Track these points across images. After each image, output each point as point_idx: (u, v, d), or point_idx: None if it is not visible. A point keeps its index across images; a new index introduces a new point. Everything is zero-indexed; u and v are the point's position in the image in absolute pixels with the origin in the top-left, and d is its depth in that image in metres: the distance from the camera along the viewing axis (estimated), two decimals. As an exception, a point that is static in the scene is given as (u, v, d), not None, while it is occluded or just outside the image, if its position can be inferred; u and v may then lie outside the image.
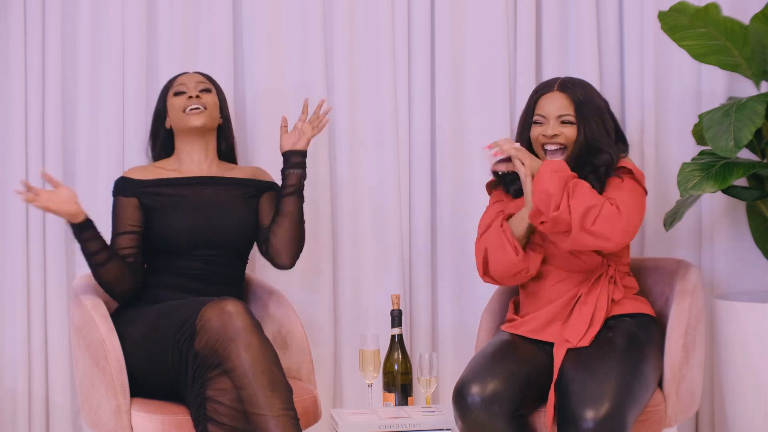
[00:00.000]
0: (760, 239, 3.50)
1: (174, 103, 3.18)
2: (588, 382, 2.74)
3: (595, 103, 3.04)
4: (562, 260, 3.00)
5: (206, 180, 3.16)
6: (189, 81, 3.21)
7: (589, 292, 2.96)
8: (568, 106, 3.02)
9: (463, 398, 2.77)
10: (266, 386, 2.72)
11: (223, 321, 2.76)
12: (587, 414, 2.68)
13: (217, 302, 2.80)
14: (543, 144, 3.03)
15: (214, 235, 3.08)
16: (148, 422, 2.85)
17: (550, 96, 3.05)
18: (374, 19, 3.62)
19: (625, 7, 3.67)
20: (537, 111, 3.05)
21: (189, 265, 3.07)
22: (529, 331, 2.97)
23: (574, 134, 3.02)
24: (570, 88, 3.04)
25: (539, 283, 3.03)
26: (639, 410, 2.79)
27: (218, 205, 3.12)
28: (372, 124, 3.62)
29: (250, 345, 2.74)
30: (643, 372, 2.82)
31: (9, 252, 3.52)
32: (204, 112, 3.15)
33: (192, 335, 2.78)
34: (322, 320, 3.59)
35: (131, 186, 3.12)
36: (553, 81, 3.09)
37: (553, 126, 3.02)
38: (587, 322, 2.91)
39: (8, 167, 3.51)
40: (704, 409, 3.66)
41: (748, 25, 3.30)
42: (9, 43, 3.50)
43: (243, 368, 2.72)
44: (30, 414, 3.52)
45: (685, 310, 2.98)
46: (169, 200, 3.09)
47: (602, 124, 3.03)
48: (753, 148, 3.45)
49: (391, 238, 3.62)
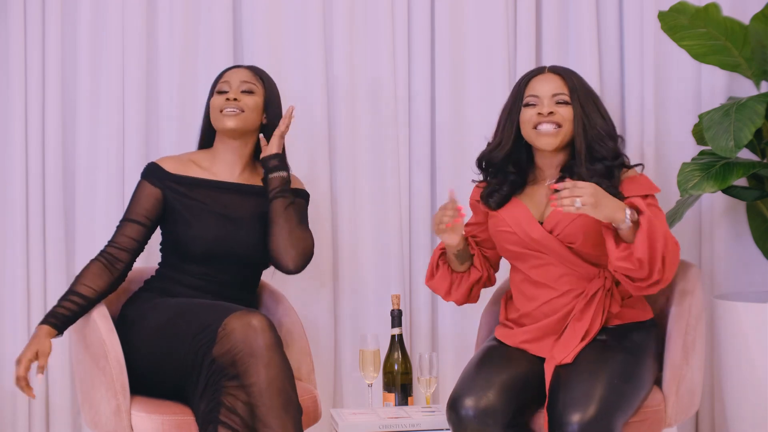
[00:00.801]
0: (760, 239, 3.51)
1: (214, 102, 3.11)
2: (576, 386, 2.70)
3: (587, 87, 2.92)
4: (558, 276, 2.89)
5: (233, 187, 3.11)
6: (234, 79, 3.12)
7: (585, 309, 2.85)
8: (562, 86, 2.89)
9: (457, 412, 2.73)
10: (280, 407, 2.72)
11: (247, 334, 2.74)
12: (573, 418, 2.64)
13: (244, 314, 2.78)
14: (536, 124, 2.87)
15: (231, 249, 3.05)
16: (148, 422, 2.85)
17: (542, 77, 2.92)
18: (374, 19, 3.62)
19: (625, 7, 3.67)
20: (528, 92, 2.91)
21: (201, 271, 3.05)
22: (522, 342, 2.90)
23: (570, 115, 2.87)
24: (562, 71, 2.93)
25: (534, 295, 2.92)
26: (629, 414, 2.75)
27: (239, 218, 3.07)
28: (372, 124, 3.62)
29: (271, 364, 2.74)
30: (636, 375, 2.78)
31: (9, 252, 3.52)
32: (239, 115, 3.07)
33: (212, 341, 2.77)
34: (322, 320, 3.60)
35: (161, 176, 3.07)
36: (542, 67, 2.97)
37: (548, 105, 2.87)
38: (578, 339, 2.82)
39: (8, 167, 3.51)
40: (704, 409, 3.66)
41: (748, 25, 3.31)
42: (9, 43, 3.50)
43: (260, 386, 2.72)
44: (30, 414, 3.52)
45: (685, 310, 2.98)
46: (191, 205, 3.06)
47: (597, 109, 2.88)
48: (753, 148, 3.45)
49: (391, 238, 3.62)
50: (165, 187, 3.07)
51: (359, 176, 3.63)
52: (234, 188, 3.12)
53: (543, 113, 2.86)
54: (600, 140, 2.85)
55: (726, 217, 3.65)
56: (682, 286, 3.05)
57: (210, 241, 3.03)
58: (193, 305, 2.93)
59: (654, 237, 2.69)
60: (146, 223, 3.05)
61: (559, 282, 2.88)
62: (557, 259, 2.87)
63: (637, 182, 2.86)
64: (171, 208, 3.07)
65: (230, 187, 3.12)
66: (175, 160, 3.13)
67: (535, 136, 2.88)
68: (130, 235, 3.04)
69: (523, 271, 2.94)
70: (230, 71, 3.15)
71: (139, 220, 3.05)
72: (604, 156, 2.85)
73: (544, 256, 2.89)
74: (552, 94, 2.89)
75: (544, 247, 2.88)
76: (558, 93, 2.89)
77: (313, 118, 3.58)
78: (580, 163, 2.86)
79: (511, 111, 2.94)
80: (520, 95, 2.93)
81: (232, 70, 3.16)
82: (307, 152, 3.58)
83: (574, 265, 2.87)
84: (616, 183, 2.84)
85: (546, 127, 2.87)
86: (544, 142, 2.88)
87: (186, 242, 3.04)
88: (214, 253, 3.04)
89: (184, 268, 3.06)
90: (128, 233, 3.04)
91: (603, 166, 2.85)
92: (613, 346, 2.83)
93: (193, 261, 3.05)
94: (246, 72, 3.15)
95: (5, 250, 3.52)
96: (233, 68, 3.17)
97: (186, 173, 3.10)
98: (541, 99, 2.89)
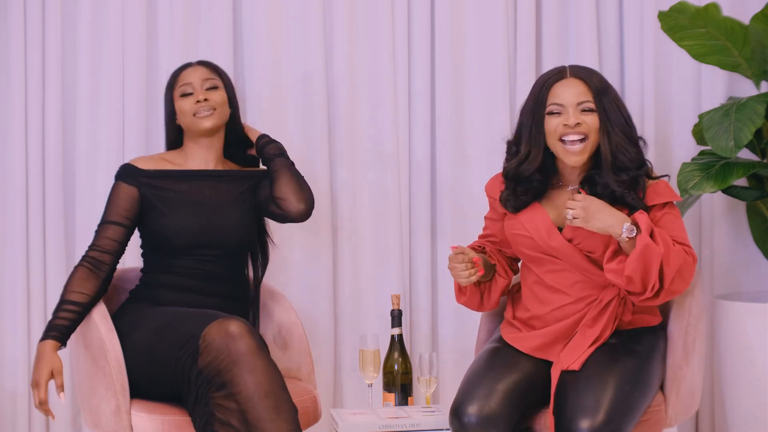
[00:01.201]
0: (760, 239, 3.51)
1: (182, 107, 3.11)
2: (585, 392, 2.67)
3: (612, 90, 2.81)
4: (573, 283, 2.84)
5: (207, 174, 3.12)
6: (194, 79, 3.13)
7: (598, 317, 2.80)
8: (586, 93, 2.77)
9: (460, 419, 2.70)
10: (271, 409, 2.71)
11: (227, 343, 2.74)
12: (582, 424, 2.61)
13: (221, 322, 2.78)
14: (561, 136, 2.77)
15: (212, 236, 3.06)
16: (148, 422, 2.85)
17: (565, 83, 2.78)
18: (374, 19, 3.62)
19: (625, 7, 3.67)
20: (551, 100, 2.78)
21: (186, 265, 3.05)
22: (531, 349, 2.85)
23: (596, 123, 2.76)
24: (584, 73, 2.80)
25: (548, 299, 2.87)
26: (637, 419, 2.73)
27: (217, 203, 3.10)
28: (372, 124, 3.62)
29: (254, 369, 2.73)
30: (644, 381, 2.76)
31: (9, 252, 3.52)
32: (213, 113, 3.10)
33: (195, 354, 2.77)
34: (322, 320, 3.59)
35: (135, 174, 3.08)
36: (562, 68, 2.82)
37: (573, 114, 2.76)
38: (587, 345, 2.78)
39: (8, 167, 3.51)
40: (704, 409, 3.66)
41: (748, 25, 3.31)
42: (9, 43, 3.50)
43: (247, 392, 2.71)
44: (30, 414, 3.52)
45: (685, 310, 2.98)
46: (168, 196, 3.07)
47: (621, 114, 2.78)
48: (753, 148, 3.45)
49: (391, 238, 3.62)
50: (140, 185, 3.07)
51: (359, 176, 3.63)
52: (209, 174, 3.13)
53: (569, 124, 2.76)
54: (623, 148, 2.77)
55: (726, 217, 3.65)
56: (682, 286, 3.05)
57: (192, 230, 3.03)
58: (177, 315, 2.92)
59: (649, 256, 2.66)
60: (126, 223, 3.06)
61: (573, 288, 2.84)
62: (574, 266, 2.83)
63: (656, 190, 2.80)
64: (149, 204, 3.07)
65: (205, 174, 3.13)
66: (148, 158, 3.15)
67: (563, 152, 2.79)
68: (111, 237, 3.04)
69: (538, 274, 2.89)
70: (186, 72, 3.15)
71: (118, 221, 3.05)
72: (627, 165, 2.77)
73: (560, 262, 2.84)
74: (577, 102, 2.77)
75: (562, 255, 2.83)
76: (583, 101, 2.77)
77: (313, 117, 3.58)
78: (606, 173, 2.78)
79: (535, 118, 2.80)
80: (542, 101, 2.80)
81: (187, 70, 3.15)
82: (307, 152, 3.58)
83: (590, 273, 2.83)
84: (642, 193, 2.78)
85: (573, 140, 2.77)
86: (572, 161, 2.79)
87: (167, 236, 3.04)
88: (198, 242, 3.04)
89: (169, 266, 3.06)
90: (109, 235, 3.04)
91: (628, 177, 2.77)
92: (622, 351, 2.79)
93: (177, 256, 3.05)
94: (203, 69, 3.16)
95: (5, 250, 3.52)
96: (187, 68, 3.16)
97: (159, 168, 3.11)
98: (565, 107, 2.77)
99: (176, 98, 3.13)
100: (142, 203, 3.07)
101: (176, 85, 3.14)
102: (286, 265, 3.55)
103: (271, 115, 3.56)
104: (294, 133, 3.58)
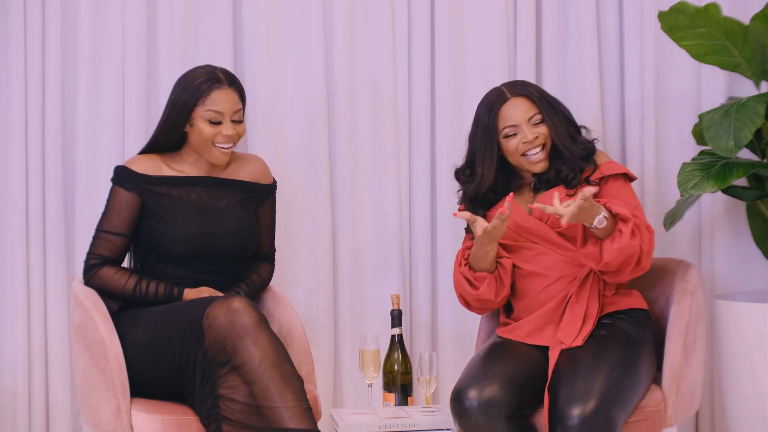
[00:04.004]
0: (760, 239, 3.51)
1: (205, 131, 3.01)
2: (576, 381, 2.75)
3: (543, 91, 3.06)
4: (550, 264, 2.99)
5: (207, 181, 3.11)
6: (226, 108, 3.01)
7: (580, 291, 2.95)
8: (531, 107, 3.02)
9: (461, 403, 2.79)
10: (278, 379, 2.73)
11: (230, 318, 2.76)
12: (573, 411, 2.69)
13: (223, 300, 2.81)
14: (524, 152, 3.01)
15: (211, 246, 3.04)
16: (148, 422, 2.85)
17: (510, 104, 3.02)
18: (374, 19, 3.62)
19: (625, 7, 3.67)
20: (504, 124, 3.01)
21: (184, 274, 3.05)
22: (524, 335, 2.96)
23: (547, 130, 3.01)
24: (522, 89, 3.03)
25: (529, 287, 3.01)
26: (630, 408, 2.79)
27: (217, 212, 3.07)
28: (372, 124, 3.62)
29: (259, 340, 2.75)
30: (635, 370, 2.82)
31: (9, 252, 3.51)
32: (232, 146, 3.07)
33: (200, 334, 2.78)
34: (322, 320, 3.59)
35: (134, 179, 3.05)
36: (499, 91, 3.05)
37: (529, 130, 2.99)
38: (580, 321, 2.91)
39: (8, 167, 3.51)
40: (704, 409, 3.66)
41: (748, 25, 3.31)
42: (9, 43, 3.50)
43: (253, 363, 2.73)
44: (30, 414, 3.52)
45: (685, 310, 2.98)
46: (169, 204, 3.05)
47: (558, 111, 3.03)
48: (753, 148, 3.45)
49: (391, 238, 3.62)
50: (141, 191, 3.05)
51: (359, 176, 3.63)
52: (208, 181, 3.11)
53: (529, 140, 2.99)
54: (572, 138, 3.02)
55: (726, 217, 3.65)
56: (682, 286, 3.05)
57: (193, 237, 3.03)
58: (176, 307, 2.94)
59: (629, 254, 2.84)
60: (128, 234, 3.07)
61: (552, 270, 2.98)
62: (549, 245, 2.98)
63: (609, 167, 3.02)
64: (149, 211, 3.06)
65: (204, 181, 3.11)
66: (144, 160, 3.09)
67: (527, 164, 3.03)
68: (111, 249, 3.06)
69: (516, 263, 3.02)
70: (218, 93, 3.02)
71: (121, 232, 3.05)
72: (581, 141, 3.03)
73: (536, 246, 3.00)
74: (527, 118, 3.01)
75: (535, 234, 2.99)
76: (531, 115, 3.01)
77: (313, 118, 3.58)
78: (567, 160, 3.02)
79: (486, 143, 3.03)
80: (493, 127, 3.02)
81: (219, 92, 3.02)
82: (308, 152, 3.58)
83: (564, 250, 2.97)
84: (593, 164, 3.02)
85: (535, 152, 3.00)
86: (538, 168, 3.03)
87: (166, 243, 3.03)
88: (198, 250, 3.03)
89: (165, 273, 3.05)
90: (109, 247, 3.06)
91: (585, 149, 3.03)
92: (611, 341, 2.88)
93: (173, 264, 3.04)
94: (234, 96, 3.05)
95: (5, 250, 3.52)
96: (219, 88, 3.03)
97: (159, 173, 3.08)
98: (519, 126, 3.01)
99: (199, 115, 3.02)
100: (143, 210, 3.07)
101: (203, 102, 3.02)
102: (286, 265, 3.55)
103: (270, 116, 3.56)
104: (294, 134, 3.58)
